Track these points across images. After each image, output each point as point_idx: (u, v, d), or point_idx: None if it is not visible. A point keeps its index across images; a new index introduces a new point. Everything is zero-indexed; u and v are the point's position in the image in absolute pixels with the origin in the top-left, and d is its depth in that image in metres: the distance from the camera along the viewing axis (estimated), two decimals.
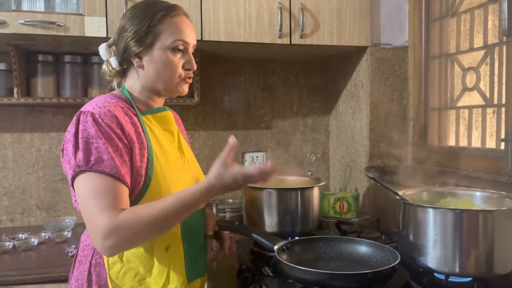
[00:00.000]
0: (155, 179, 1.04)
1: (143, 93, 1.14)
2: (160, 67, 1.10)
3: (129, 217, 0.93)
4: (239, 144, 2.28)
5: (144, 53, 1.10)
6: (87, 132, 0.98)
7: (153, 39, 1.08)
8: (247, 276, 1.32)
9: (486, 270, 1.09)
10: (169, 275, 1.07)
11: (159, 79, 1.11)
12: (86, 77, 1.96)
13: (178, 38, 1.10)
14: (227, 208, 2.04)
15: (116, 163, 0.97)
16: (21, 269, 1.48)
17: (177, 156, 1.16)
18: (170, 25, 1.09)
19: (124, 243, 0.95)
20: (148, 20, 1.08)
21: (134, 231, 0.93)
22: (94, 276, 1.07)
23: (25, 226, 2.01)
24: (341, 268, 1.18)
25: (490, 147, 1.59)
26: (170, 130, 1.18)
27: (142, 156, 1.04)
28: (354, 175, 2.12)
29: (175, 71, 1.11)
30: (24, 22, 1.59)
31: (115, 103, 1.06)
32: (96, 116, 1.00)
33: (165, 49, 1.09)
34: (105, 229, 0.91)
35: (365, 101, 2.00)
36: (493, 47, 1.57)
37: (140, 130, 1.07)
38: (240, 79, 2.29)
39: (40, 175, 2.04)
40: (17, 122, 2.01)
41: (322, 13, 1.87)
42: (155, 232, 0.97)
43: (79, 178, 0.97)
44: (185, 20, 1.14)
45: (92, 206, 0.94)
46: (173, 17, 1.10)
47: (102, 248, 0.94)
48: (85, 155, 0.96)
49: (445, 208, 1.13)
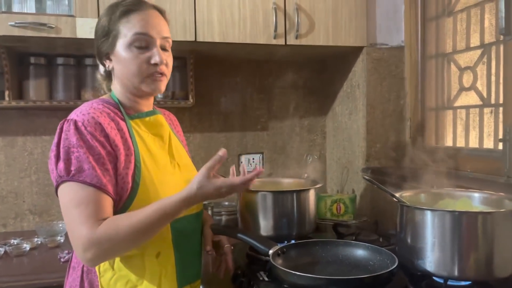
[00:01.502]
0: (143, 185, 1.02)
1: (126, 96, 1.12)
2: (124, 66, 1.07)
3: (108, 229, 0.92)
4: (235, 146, 2.27)
5: (111, 54, 1.09)
6: (68, 141, 0.97)
7: (114, 38, 1.06)
8: (243, 281, 1.30)
9: (485, 273, 1.07)
10: (160, 282, 1.05)
11: (128, 77, 1.08)
12: (79, 79, 1.93)
13: (137, 32, 1.05)
14: (223, 211, 2.01)
15: (97, 173, 0.95)
16: (12, 275, 1.45)
17: (167, 161, 1.14)
18: (128, 21, 1.05)
19: (104, 255, 0.95)
20: (109, 20, 1.07)
21: (114, 243, 0.93)
22: (86, 283, 1.05)
23: (18, 231, 1.98)
24: (338, 273, 1.16)
25: (488, 147, 1.57)
26: (160, 134, 1.16)
27: (129, 162, 1.02)
28: (351, 176, 2.10)
29: (139, 68, 1.05)
30: (14, 24, 1.57)
31: (101, 109, 1.05)
32: (79, 124, 0.99)
33: (126, 46, 1.05)
34: (84, 240, 0.91)
35: (361, 102, 1.98)
36: (490, 46, 1.55)
37: (127, 135, 1.05)
38: (236, 80, 2.27)
39: (33, 179, 2.01)
40: (10, 126, 1.98)
41: (317, 13, 1.85)
42: (136, 241, 0.97)
43: (61, 188, 0.96)
44: (150, 13, 1.08)
45: (73, 216, 0.93)
46: (132, 12, 1.06)
47: (83, 259, 0.94)
48: (66, 165, 0.95)
49: (443, 210, 1.11)
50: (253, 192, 1.49)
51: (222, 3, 1.76)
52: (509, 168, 1.38)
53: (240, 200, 1.53)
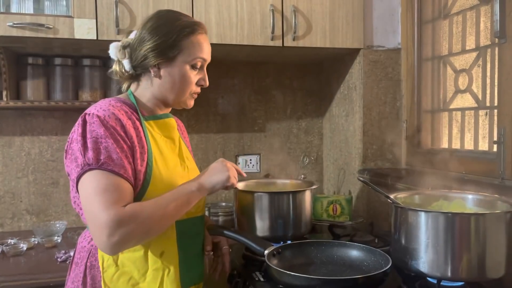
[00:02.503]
0: (153, 184, 1.05)
1: (152, 101, 1.15)
2: (177, 80, 1.12)
3: (133, 208, 0.96)
4: (232, 147, 2.27)
5: (164, 65, 1.11)
6: (96, 132, 0.99)
7: (176, 53, 1.11)
8: (238, 282, 1.31)
9: (478, 274, 1.07)
10: (163, 281, 1.07)
11: (172, 91, 1.13)
12: (77, 80, 1.94)
13: (199, 56, 1.13)
14: (220, 212, 2.02)
15: (124, 163, 0.99)
16: (9, 275, 1.45)
17: (177, 163, 1.16)
18: (194, 42, 1.12)
19: (131, 237, 0.95)
20: (175, 34, 1.10)
21: (140, 222, 0.95)
22: (89, 279, 1.06)
23: (15, 231, 1.98)
24: (332, 273, 1.17)
25: (483, 149, 1.58)
26: (172, 137, 1.19)
27: (142, 160, 1.05)
28: (348, 177, 2.11)
29: (189, 86, 1.14)
30: (12, 25, 1.57)
31: (119, 106, 1.07)
32: (102, 118, 1.01)
33: (185, 64, 1.12)
34: (111, 224, 0.92)
35: (358, 104, 1.99)
36: (485, 49, 1.57)
37: (141, 134, 1.08)
38: (233, 82, 2.28)
39: (30, 179, 2.02)
40: (7, 126, 1.99)
41: (314, 15, 1.86)
42: (161, 221, 1.00)
43: (86, 176, 0.97)
44: (206, 38, 1.17)
45: (97, 203, 0.94)
46: (197, 34, 1.13)
47: (108, 245, 0.93)
48: (95, 153, 0.97)
49: (437, 211, 1.12)
50: (249, 193, 1.50)
51: (220, 5, 1.77)
52: (504, 170, 1.39)
53: (237, 201, 1.54)
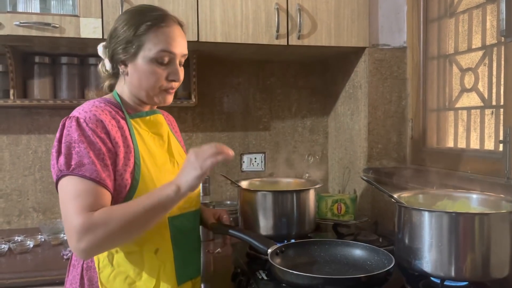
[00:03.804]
0: (143, 182, 1.04)
1: (131, 98, 1.15)
2: (142, 77, 1.09)
3: (102, 215, 0.93)
4: (237, 146, 2.28)
5: (129, 61, 1.10)
6: (70, 137, 0.99)
7: (136, 49, 1.07)
8: (242, 280, 1.31)
9: (482, 274, 1.07)
10: (159, 278, 1.07)
11: (141, 88, 1.10)
12: (83, 78, 1.95)
13: (162, 49, 1.07)
14: None
15: (97, 167, 0.97)
16: (16, 272, 1.47)
17: (166, 159, 1.16)
18: (155, 37, 1.07)
19: (99, 245, 0.94)
20: (134, 30, 1.07)
21: (108, 230, 0.92)
22: (86, 280, 1.07)
23: (21, 228, 2.00)
24: (336, 272, 1.16)
25: (489, 148, 1.57)
26: (160, 133, 1.18)
27: (128, 159, 1.04)
28: (353, 177, 2.10)
29: (157, 82, 1.09)
30: (19, 24, 1.59)
31: (103, 107, 1.07)
32: (81, 121, 1.01)
33: (148, 60, 1.08)
34: (79, 229, 0.91)
35: (363, 102, 1.99)
36: (491, 47, 1.55)
37: (127, 133, 1.07)
38: (238, 80, 2.28)
39: (37, 177, 2.03)
40: (14, 124, 2.01)
41: (319, 14, 1.86)
42: (131, 230, 0.97)
43: (61, 182, 0.98)
44: (175, 30, 1.10)
45: (70, 208, 0.95)
46: (159, 27, 1.08)
47: (77, 249, 0.93)
48: (67, 159, 0.97)
49: (441, 211, 1.11)
50: (253, 191, 1.50)
51: (225, 4, 1.77)
52: (509, 170, 1.38)
53: (241, 200, 1.54)
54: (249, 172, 2.29)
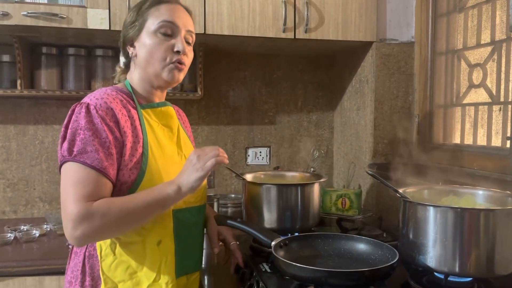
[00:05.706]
0: (149, 173, 1.04)
1: (142, 85, 1.15)
2: (148, 51, 1.10)
3: (100, 206, 0.94)
4: (243, 139, 2.28)
5: (136, 40, 1.12)
6: (77, 123, 0.99)
7: (140, 25, 1.11)
8: (245, 272, 1.32)
9: (486, 271, 1.06)
10: (160, 270, 1.07)
11: (149, 63, 1.11)
12: (90, 70, 1.96)
13: (164, 19, 1.09)
14: (229, 203, 2.03)
15: (100, 155, 0.97)
16: (21, 260, 1.48)
17: (174, 152, 1.16)
18: (156, 10, 1.10)
19: (94, 234, 0.95)
20: (137, 10, 1.12)
21: (105, 221, 0.94)
22: (87, 268, 1.07)
23: (28, 218, 2.02)
24: (339, 266, 1.17)
25: (496, 145, 1.56)
26: (169, 125, 1.18)
27: (135, 150, 1.04)
28: (358, 172, 2.10)
29: (162, 54, 1.09)
30: (27, 14, 1.59)
31: (114, 95, 1.07)
32: (91, 108, 1.01)
33: (152, 33, 1.10)
34: (75, 217, 0.92)
35: (369, 97, 1.98)
36: (500, 43, 1.54)
37: (136, 123, 1.07)
38: (244, 74, 2.28)
39: (43, 167, 2.05)
40: (21, 114, 2.02)
41: (327, 8, 1.85)
42: (127, 223, 0.99)
43: (63, 167, 0.99)
44: (176, 7, 1.14)
45: (68, 194, 0.95)
46: (161, 3, 1.12)
47: (72, 237, 0.94)
48: (70, 145, 0.98)
49: (446, 206, 1.11)
50: (258, 184, 1.50)
51: None
52: None
53: (246, 193, 1.54)
54: (254, 166, 2.29)
